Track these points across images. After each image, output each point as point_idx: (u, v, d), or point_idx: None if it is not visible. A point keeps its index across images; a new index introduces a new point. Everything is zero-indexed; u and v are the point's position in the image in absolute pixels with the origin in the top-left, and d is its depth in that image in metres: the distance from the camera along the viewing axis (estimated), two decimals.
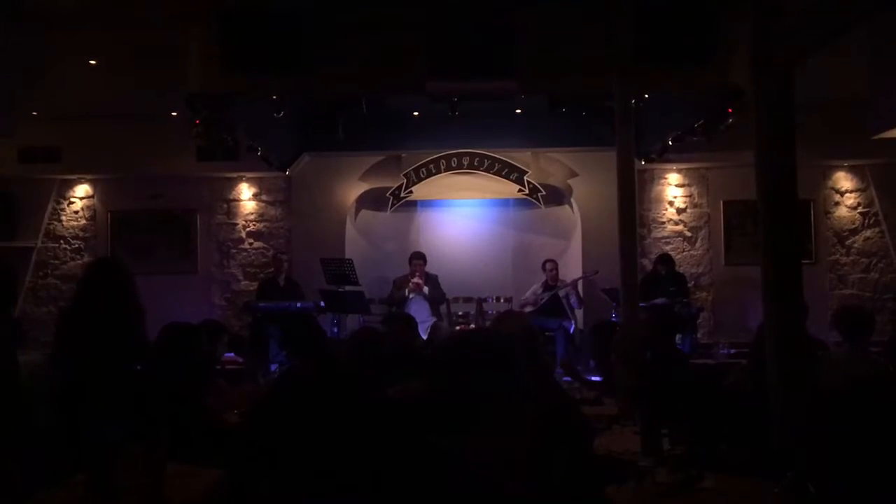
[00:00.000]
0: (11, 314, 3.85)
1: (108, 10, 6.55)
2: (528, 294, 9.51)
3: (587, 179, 10.11)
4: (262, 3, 6.61)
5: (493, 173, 10.00)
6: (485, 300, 9.59)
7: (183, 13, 6.64)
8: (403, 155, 10.17)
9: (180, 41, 6.86)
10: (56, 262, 10.76)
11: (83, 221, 10.85)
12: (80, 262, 10.75)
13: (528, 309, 9.09)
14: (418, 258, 9.29)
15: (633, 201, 4.91)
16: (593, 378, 6.06)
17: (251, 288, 10.30)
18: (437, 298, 9.24)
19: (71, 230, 10.85)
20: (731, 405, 3.69)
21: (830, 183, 10.62)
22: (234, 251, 10.76)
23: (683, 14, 6.52)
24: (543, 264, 9.54)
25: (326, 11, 6.69)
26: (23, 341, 4.61)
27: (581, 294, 9.51)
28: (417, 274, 9.22)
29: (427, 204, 10.52)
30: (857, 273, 10.59)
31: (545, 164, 10.28)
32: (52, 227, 10.84)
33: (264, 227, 10.77)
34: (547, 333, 8.55)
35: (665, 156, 9.62)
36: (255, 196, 10.79)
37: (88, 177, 10.77)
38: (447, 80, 6.75)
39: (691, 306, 9.37)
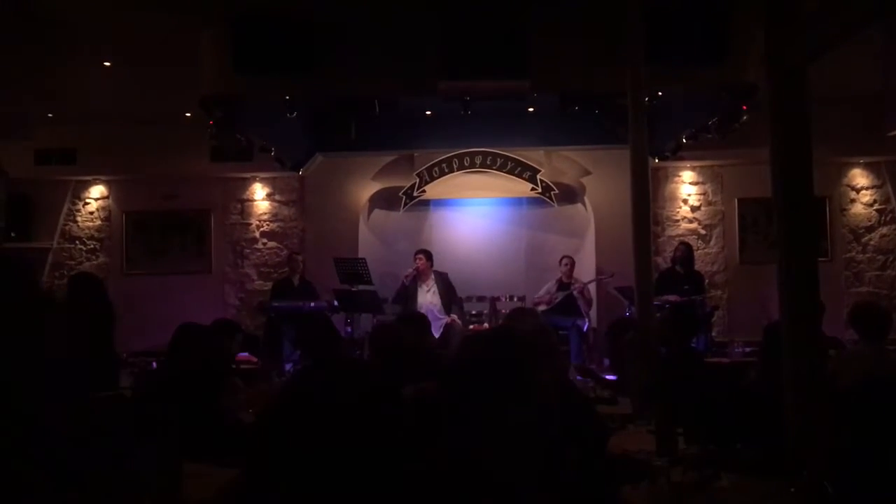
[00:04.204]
0: None
1: (122, 13, 6.59)
2: (541, 292, 9.49)
3: (600, 178, 10.09)
4: (274, 5, 6.63)
5: (506, 172, 9.98)
6: (498, 299, 9.57)
7: (195, 16, 6.68)
8: (416, 154, 10.18)
9: (193, 43, 6.90)
10: (72, 262, 10.85)
11: (98, 222, 10.93)
12: (95, 262, 10.84)
13: (542, 307, 9.06)
14: (420, 253, 9.30)
15: (646, 199, 4.88)
16: (608, 377, 6.06)
17: (265, 288, 10.34)
18: (449, 296, 9.23)
19: (86, 231, 10.93)
20: (747, 404, 3.67)
21: (846, 180, 10.56)
22: (248, 251, 10.81)
23: (697, 11, 6.50)
24: (560, 260, 9.52)
25: (338, 13, 6.70)
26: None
27: (590, 296, 9.47)
28: (416, 266, 9.20)
29: (440, 203, 10.51)
30: (874, 270, 10.52)
31: (558, 163, 10.26)
32: (67, 227, 10.93)
33: (278, 227, 10.81)
34: (560, 332, 8.53)
35: (679, 153, 9.58)
36: (269, 196, 10.84)
37: (103, 178, 10.86)
38: (460, 80, 6.75)
39: (706, 305, 9.33)
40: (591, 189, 10.22)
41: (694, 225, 10.57)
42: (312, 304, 9.00)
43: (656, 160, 9.82)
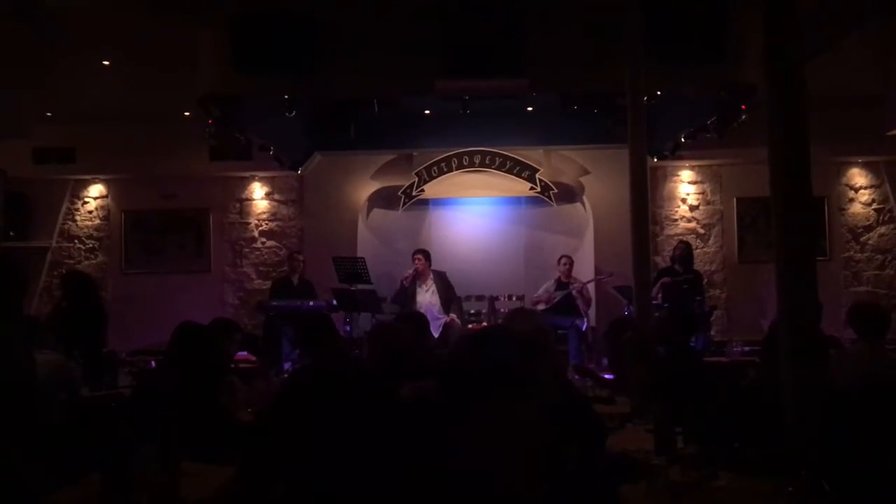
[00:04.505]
0: (22, 311, 3.87)
1: (122, 12, 6.59)
2: (540, 291, 9.49)
3: (599, 177, 10.09)
4: (273, 4, 6.62)
5: (505, 171, 9.99)
6: (497, 298, 9.58)
7: (195, 15, 6.67)
8: (415, 153, 10.18)
9: (193, 42, 6.90)
10: (71, 261, 10.84)
11: (97, 221, 10.93)
12: (94, 261, 10.84)
13: (541, 307, 9.07)
14: (418, 253, 9.32)
15: (645, 199, 4.89)
16: (606, 376, 6.05)
17: (264, 287, 10.34)
18: (448, 296, 9.23)
19: (85, 230, 10.93)
20: (745, 403, 3.68)
21: (844, 179, 10.57)
22: (247, 250, 10.81)
23: (696, 11, 6.50)
24: (559, 260, 9.54)
25: (337, 12, 6.70)
26: (41, 340, 4.64)
27: (588, 295, 9.48)
28: (415, 266, 9.22)
29: (439, 202, 10.52)
30: (872, 270, 10.53)
31: (557, 162, 10.26)
32: (66, 226, 10.92)
33: (277, 226, 10.81)
34: (559, 331, 8.53)
35: (678, 153, 9.59)
36: (268, 195, 10.83)
37: (102, 177, 10.85)
38: (458, 79, 6.75)
39: (705, 304, 9.34)
40: (589, 188, 10.22)
41: (692, 224, 10.57)
42: (311, 304, 9.00)
43: (655, 159, 9.82)
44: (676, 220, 10.57)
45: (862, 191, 10.56)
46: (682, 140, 8.85)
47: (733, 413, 3.64)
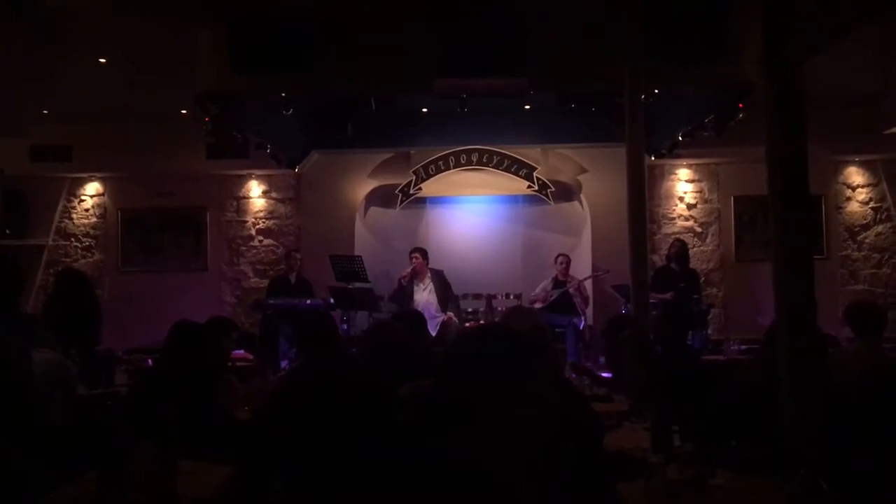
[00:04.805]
0: (19, 309, 3.86)
1: (120, 10, 6.57)
2: (537, 290, 9.50)
3: (597, 175, 10.09)
4: (272, 4, 6.61)
5: (503, 170, 9.98)
6: (494, 297, 9.59)
7: (194, 13, 6.66)
8: (412, 152, 10.17)
9: (190, 40, 6.88)
10: (67, 259, 10.81)
11: (94, 219, 10.91)
12: (90, 259, 10.82)
13: (538, 305, 9.08)
14: (415, 251, 9.32)
15: (642, 197, 4.89)
16: (604, 374, 6.06)
17: (261, 285, 10.33)
18: (445, 294, 9.23)
19: (82, 228, 10.91)
20: (743, 402, 3.68)
21: (842, 178, 10.57)
22: (244, 248, 10.80)
23: (695, 9, 6.50)
24: (556, 258, 9.55)
25: (336, 12, 6.69)
26: (38, 338, 4.62)
27: (586, 293, 9.49)
28: (412, 265, 9.22)
29: (436, 201, 10.52)
30: (869, 268, 10.53)
31: (555, 161, 10.26)
32: (63, 225, 10.90)
33: (274, 224, 10.80)
34: (556, 330, 8.54)
35: (675, 151, 9.58)
36: (265, 193, 10.82)
37: (99, 175, 10.83)
38: (457, 78, 6.74)
39: (702, 303, 9.35)
40: (587, 187, 10.22)
41: (690, 223, 10.57)
42: (309, 302, 9.00)
43: (653, 158, 9.82)
44: (674, 218, 10.57)
45: (859, 189, 10.57)
46: (680, 138, 8.85)
47: (731, 411, 3.64)
